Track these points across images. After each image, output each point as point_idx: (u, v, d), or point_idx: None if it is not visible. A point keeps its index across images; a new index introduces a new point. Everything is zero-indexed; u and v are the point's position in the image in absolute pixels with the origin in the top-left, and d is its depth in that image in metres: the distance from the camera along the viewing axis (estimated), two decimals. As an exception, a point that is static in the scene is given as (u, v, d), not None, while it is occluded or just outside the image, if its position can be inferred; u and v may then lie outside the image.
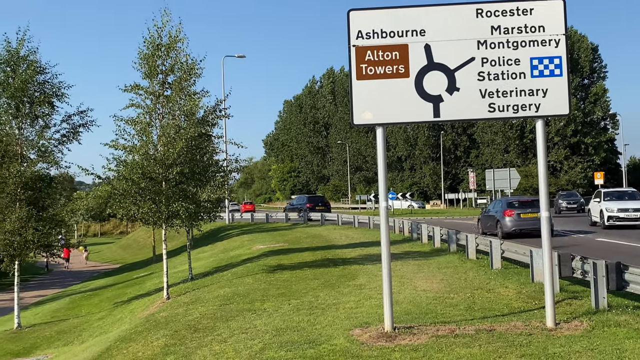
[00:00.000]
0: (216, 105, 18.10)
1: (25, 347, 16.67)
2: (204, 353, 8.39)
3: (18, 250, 19.53)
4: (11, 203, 19.34)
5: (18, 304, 20.43)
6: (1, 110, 19.60)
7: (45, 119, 20.19)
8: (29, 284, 36.82)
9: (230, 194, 24.92)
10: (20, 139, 19.84)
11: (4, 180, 19.01)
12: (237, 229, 40.88)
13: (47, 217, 20.31)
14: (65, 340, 16.46)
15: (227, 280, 16.58)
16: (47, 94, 19.94)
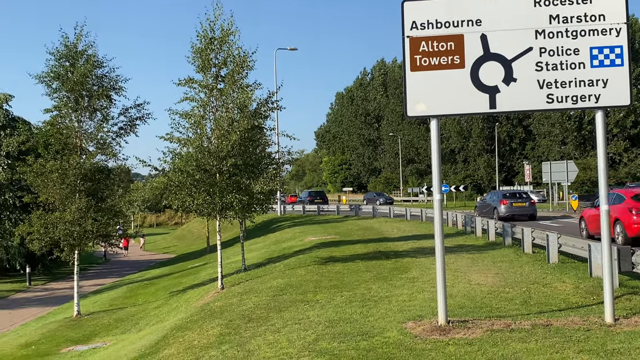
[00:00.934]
0: (268, 98, 18.19)
1: (84, 335, 17.18)
2: (258, 342, 8.48)
3: (78, 240, 20.08)
4: (71, 194, 19.88)
5: (78, 292, 21.03)
6: (61, 104, 20.11)
7: (103, 112, 20.67)
8: (88, 273, 37.94)
9: (283, 186, 25.06)
10: (79, 132, 20.38)
11: (64, 172, 19.55)
12: (289, 221, 41.15)
13: (106, 208, 20.83)
14: (122, 328, 16.89)
15: (280, 272, 16.71)
16: (105, 88, 20.40)
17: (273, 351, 7.88)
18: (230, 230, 39.44)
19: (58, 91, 19.93)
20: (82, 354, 13.87)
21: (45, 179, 19.70)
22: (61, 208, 19.84)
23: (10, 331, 20.75)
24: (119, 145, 21.05)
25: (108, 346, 14.05)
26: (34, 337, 17.79)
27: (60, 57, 19.98)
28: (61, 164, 19.57)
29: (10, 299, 29.37)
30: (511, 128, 77.91)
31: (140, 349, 10.62)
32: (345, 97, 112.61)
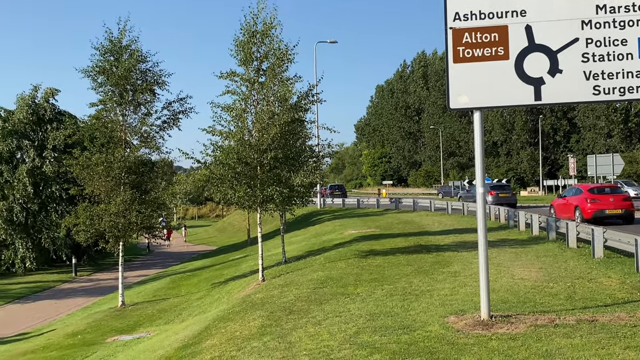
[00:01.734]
0: (309, 91, 18.20)
1: (128, 325, 17.52)
2: (299, 334, 8.53)
3: (122, 231, 20.47)
4: (116, 186, 20.27)
5: (122, 283, 21.46)
6: (106, 98, 20.48)
7: (147, 106, 21.00)
8: (132, 264, 38.66)
9: (323, 179, 25.09)
10: (124, 125, 20.74)
11: (109, 165, 19.93)
12: (329, 214, 41.19)
13: (149, 200, 21.18)
14: (166, 319, 17.17)
15: (320, 264, 16.76)
16: (148, 82, 20.70)
17: (314, 343, 7.92)
18: (271, 223, 39.72)
19: (103, 85, 20.31)
20: (127, 343, 14.15)
21: (91, 172, 20.12)
22: (106, 200, 20.24)
23: (57, 320, 21.30)
24: (162, 138, 21.39)
25: (152, 336, 14.30)
26: (80, 327, 18.22)
27: (105, 52, 20.32)
28: (106, 157, 19.96)
29: (57, 289, 30.14)
30: (555, 120, 76.40)
31: (184, 340, 10.78)
32: (385, 89, 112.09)
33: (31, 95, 38.35)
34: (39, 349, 15.61)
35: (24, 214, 36.00)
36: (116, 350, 13.42)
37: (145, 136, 21.03)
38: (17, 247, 35.82)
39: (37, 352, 15.16)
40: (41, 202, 36.47)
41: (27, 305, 25.52)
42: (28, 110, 37.45)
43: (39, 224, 36.46)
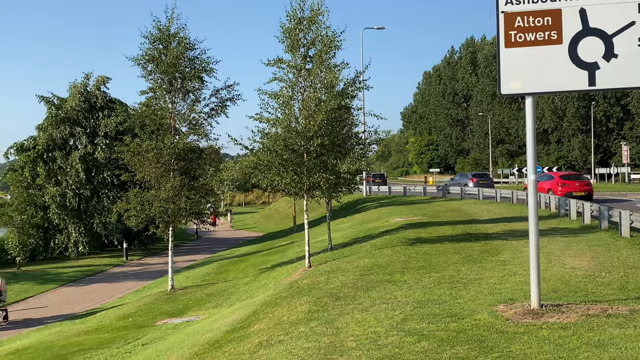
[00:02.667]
0: (355, 77, 18.12)
1: (178, 308, 17.85)
2: (346, 320, 8.56)
3: (172, 217, 20.84)
4: (166, 173, 20.62)
5: (172, 267, 21.87)
6: (156, 86, 20.80)
7: (195, 94, 21.26)
8: (181, 249, 39.35)
9: (369, 166, 25.02)
10: (173, 113, 21.05)
11: (159, 151, 20.28)
12: (375, 202, 41.09)
13: (198, 187, 21.49)
14: (214, 303, 17.44)
15: (366, 252, 16.75)
16: (197, 69, 20.92)
17: (361, 329, 7.93)
18: (317, 210, 39.85)
19: (153, 73, 20.61)
20: (177, 326, 14.43)
21: (141, 158, 20.51)
22: (156, 186, 20.61)
23: (109, 303, 21.85)
24: (210, 125, 21.64)
25: (201, 320, 14.55)
26: (131, 310, 18.66)
27: (153, 40, 20.60)
28: (156, 143, 20.31)
29: (109, 273, 30.92)
30: (608, 107, 74.31)
31: (232, 323, 10.94)
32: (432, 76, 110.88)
33: (83, 83, 39.26)
34: (92, 331, 16.06)
35: (77, 199, 36.98)
36: (166, 332, 13.70)
37: (194, 123, 21.31)
38: (70, 231, 36.85)
39: (90, 334, 15.59)
40: (93, 188, 37.40)
41: (80, 288, 26.26)
42: (80, 98, 38.38)
43: (91, 209, 37.42)
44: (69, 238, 36.87)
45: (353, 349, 7.00)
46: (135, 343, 13.05)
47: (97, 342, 14.04)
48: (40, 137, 38.24)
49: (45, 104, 38.78)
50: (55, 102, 38.80)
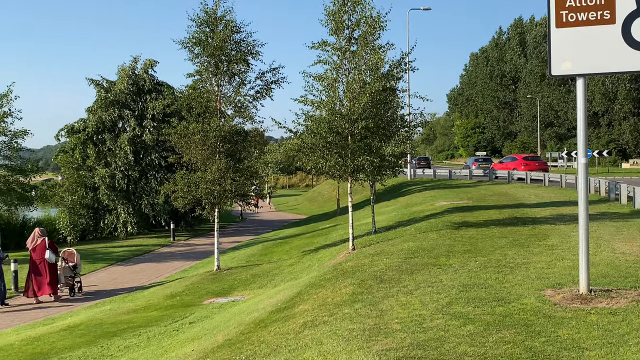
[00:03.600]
0: (401, 59, 17.96)
1: (224, 288, 18.12)
2: (390, 303, 8.55)
3: (218, 198, 21.09)
4: (212, 155, 20.85)
5: (218, 248, 22.19)
6: (202, 68, 20.98)
7: (241, 76, 21.34)
8: (226, 231, 39.86)
9: (414, 149, 24.83)
10: (219, 95, 21.22)
11: (205, 134, 20.50)
12: (419, 185, 40.83)
13: (243, 169, 21.68)
14: (259, 283, 17.64)
15: (411, 235, 16.68)
16: (242, 52, 20.99)
17: (406, 312, 7.92)
18: (360, 193, 39.81)
19: (199, 56, 20.77)
20: (223, 306, 14.66)
21: (188, 141, 20.77)
22: (203, 168, 20.87)
23: (157, 282, 22.31)
24: (255, 108, 21.73)
25: (246, 299, 14.74)
26: (178, 289, 19.02)
27: (200, 23, 20.72)
28: (203, 126, 20.53)
29: (156, 253, 31.53)
30: (662, 89, 72.05)
31: (277, 304, 11.05)
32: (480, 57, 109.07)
33: (131, 66, 39.86)
34: (141, 309, 16.43)
35: (125, 180, 37.73)
36: (212, 312, 13.93)
37: (239, 106, 21.45)
38: (119, 212, 37.67)
39: (139, 312, 15.96)
40: (141, 170, 38.08)
41: (129, 267, 26.86)
42: (128, 81, 39.00)
43: (139, 190, 38.13)
44: (118, 218, 37.67)
45: (398, 331, 6.99)
46: (183, 321, 13.30)
47: (146, 320, 14.37)
48: (90, 120, 39.05)
49: (95, 87, 39.54)
50: (105, 85, 39.51)
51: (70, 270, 21.02)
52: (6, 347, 13.15)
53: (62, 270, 20.78)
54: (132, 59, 40.22)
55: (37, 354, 12.25)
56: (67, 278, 20.94)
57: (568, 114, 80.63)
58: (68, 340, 13.19)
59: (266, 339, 8.13)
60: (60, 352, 12.03)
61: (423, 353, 5.98)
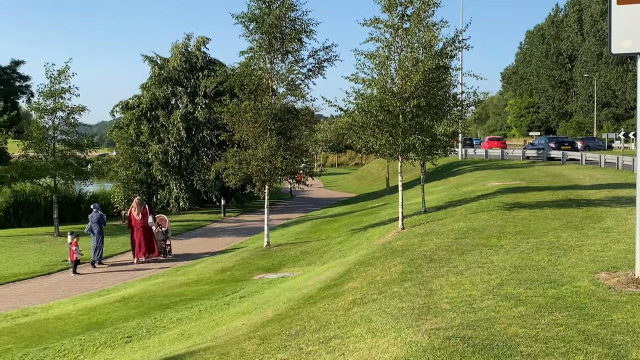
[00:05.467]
0: (455, 37, 17.66)
1: (273, 264, 18.36)
2: (440, 282, 8.53)
3: (268, 176, 21.29)
4: (263, 132, 21.00)
5: (267, 224, 22.44)
6: (257, 46, 21.06)
7: (294, 55, 21.36)
8: (276, 208, 40.22)
9: (467, 128, 24.49)
10: (271, 73, 21.31)
11: (257, 112, 20.64)
12: (470, 165, 40.32)
13: (293, 147, 21.79)
14: (308, 260, 17.80)
15: (461, 215, 16.53)
16: (297, 31, 20.98)
17: (456, 292, 7.89)
18: (410, 172, 39.56)
19: (254, 33, 20.84)
20: (272, 281, 14.86)
21: (239, 118, 20.96)
22: (254, 146, 21.05)
23: (209, 257, 22.72)
24: (307, 86, 21.75)
25: (295, 276, 14.90)
26: (229, 264, 19.35)
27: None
28: (254, 104, 20.66)
29: (207, 228, 32.07)
30: None
31: (326, 281, 11.15)
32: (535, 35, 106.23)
33: (184, 44, 40.31)
34: (192, 282, 16.80)
35: (178, 157, 38.38)
36: (262, 287, 14.14)
37: (291, 84, 21.49)
38: (171, 187, 38.39)
39: (191, 285, 16.32)
40: (193, 146, 38.66)
41: (181, 241, 27.41)
42: (182, 58, 39.48)
43: (191, 166, 38.75)
44: (171, 194, 38.40)
45: (447, 311, 6.98)
46: (233, 296, 13.55)
47: (197, 294, 14.70)
48: (144, 96, 39.76)
49: (149, 64, 40.18)
50: (158, 62, 40.10)
51: (162, 234, 23.15)
52: (64, 316, 13.65)
53: (156, 234, 22.82)
54: (185, 36, 40.71)
55: (92, 323, 12.68)
56: (160, 241, 23.05)
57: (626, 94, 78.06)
58: (122, 311, 13.61)
59: (315, 315, 8.22)
60: (115, 323, 12.43)
61: (473, 333, 5.96)
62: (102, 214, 22.67)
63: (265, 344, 7.17)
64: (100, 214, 22.52)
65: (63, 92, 29.49)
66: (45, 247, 25.79)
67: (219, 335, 8.78)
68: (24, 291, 18.12)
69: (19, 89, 73.41)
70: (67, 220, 34.06)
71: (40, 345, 11.08)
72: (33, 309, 15.18)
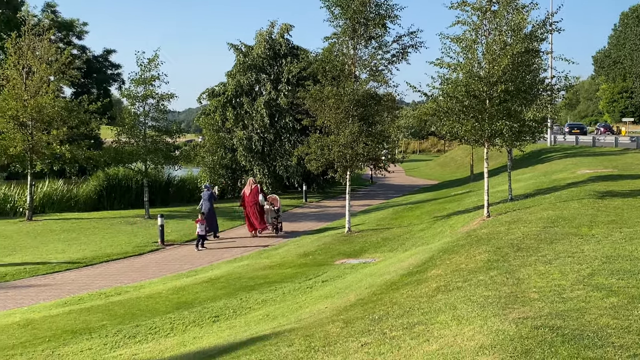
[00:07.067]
0: (546, 19, 17.05)
1: (355, 250, 18.42)
2: (527, 272, 8.33)
3: (350, 162, 21.31)
4: (345, 119, 21.02)
5: (349, 210, 22.50)
6: (340, 31, 21.04)
7: (378, 40, 21.21)
8: (357, 194, 40.25)
9: (557, 114, 23.67)
10: (354, 59, 21.26)
11: (339, 98, 20.67)
12: (559, 152, 39.01)
13: (375, 133, 21.71)
14: (390, 247, 17.76)
15: (550, 203, 16.04)
16: (381, 16, 20.81)
17: (544, 281, 7.68)
18: (495, 159, 38.65)
19: (338, 18, 20.83)
20: (354, 267, 14.93)
21: (322, 104, 21.05)
22: (336, 132, 21.11)
23: (291, 241, 23.05)
24: (390, 72, 21.56)
25: (377, 262, 14.91)
26: (311, 248, 19.57)
27: None
28: (337, 90, 20.69)
29: (290, 213, 32.47)
30: None
31: (408, 267, 11.10)
32: (630, 17, 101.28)
33: (268, 31, 40.80)
34: (276, 266, 17.11)
35: (261, 142, 39.01)
36: (344, 272, 14.23)
37: (374, 70, 21.38)
38: (255, 173, 39.09)
39: (274, 268, 16.63)
40: (276, 132, 39.18)
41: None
42: (265, 45, 39.99)
43: (274, 152, 39.30)
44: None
45: (535, 300, 6.81)
46: (316, 280, 13.72)
47: (281, 277, 14.96)
48: (229, 84, 40.56)
49: (235, 52, 40.94)
50: (243, 49, 40.78)
51: (274, 212, 25.05)
52: (155, 295, 14.21)
53: (268, 212, 24.85)
54: (269, 23, 41.15)
55: (182, 302, 13.15)
56: (272, 219, 25.04)
57: None
58: (210, 291, 14.04)
59: (398, 301, 8.22)
60: (203, 302, 12.84)
61: (562, 323, 5.80)
62: (212, 192, 24.90)
63: (349, 328, 7.23)
64: (211, 192, 24.73)
65: (153, 79, 30.48)
66: (136, 229, 26.87)
67: (303, 318, 8.92)
68: (117, 271, 18.97)
69: (111, 77, 76.45)
70: (157, 203, 35.33)
71: (133, 322, 11.59)
72: (126, 288, 15.88)
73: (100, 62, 75.34)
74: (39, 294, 15.80)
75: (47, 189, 34.70)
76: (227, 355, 7.54)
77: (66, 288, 16.46)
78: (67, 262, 19.94)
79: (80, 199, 34.83)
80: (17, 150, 28.90)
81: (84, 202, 34.71)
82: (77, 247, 22.49)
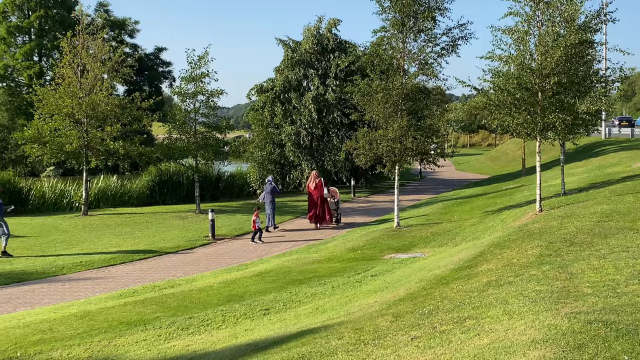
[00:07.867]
0: (600, 9, 16.65)
1: (403, 244, 18.36)
2: (581, 266, 8.18)
3: (398, 156, 21.23)
4: (393, 113, 20.94)
5: (397, 205, 22.42)
6: (390, 25, 20.93)
7: (427, 33, 21.03)
8: (405, 189, 40.03)
9: (612, 106, 23.06)
10: (403, 52, 21.13)
11: (388, 92, 20.59)
12: (614, 145, 37.99)
13: (424, 127, 21.56)
14: (439, 242, 17.64)
15: (604, 197, 15.67)
16: (431, 9, 20.65)
17: (598, 276, 7.54)
18: (548, 152, 37.94)
19: (387, 11, 20.73)
20: (403, 261, 14.89)
21: (370, 98, 21.01)
22: (384, 126, 21.05)
23: (339, 236, 23.11)
24: (439, 65, 21.37)
25: (426, 257, 14.84)
26: (359, 243, 19.58)
27: None
28: (385, 84, 20.62)
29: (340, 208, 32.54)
30: None
31: (459, 262, 11.02)
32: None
33: (316, 26, 40.86)
34: (324, 260, 17.18)
35: (309, 138, 39.15)
36: (393, 266, 14.21)
37: (424, 63, 21.21)
38: (303, 168, 39.27)
39: (323, 263, 16.71)
40: (324, 127, 39.26)
41: (313, 220, 27.99)
42: (313, 40, 40.07)
43: (322, 147, 39.40)
44: (302, 174, 39.28)
45: (589, 295, 6.70)
46: (365, 274, 13.73)
47: (330, 271, 15.03)
48: (277, 79, 40.82)
49: (283, 47, 41.16)
50: (291, 45, 40.97)
51: (334, 204, 25.82)
52: (206, 288, 14.46)
53: (330, 204, 25.48)
54: (317, 18, 41.21)
55: (233, 295, 13.35)
56: (333, 211, 25.70)
57: None
58: (260, 285, 14.21)
59: (448, 295, 8.17)
60: (253, 295, 13.01)
61: (616, 318, 5.69)
62: (274, 185, 25.63)
63: (399, 321, 7.24)
64: (274, 185, 25.43)
65: (203, 76, 30.93)
66: (187, 223, 27.36)
67: (352, 311, 8.96)
68: (170, 264, 19.37)
69: (162, 74, 77.91)
70: (207, 198, 35.87)
71: (186, 314, 11.83)
72: (178, 281, 16.21)
73: (151, 60, 76.84)
74: (95, 287, 16.27)
75: (101, 184, 35.68)
76: (277, 347, 7.64)
77: (121, 281, 16.90)
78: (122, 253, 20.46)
79: (133, 194, 35.70)
80: (73, 147, 29.75)
81: (137, 197, 35.56)
82: (131, 241, 23.04)
